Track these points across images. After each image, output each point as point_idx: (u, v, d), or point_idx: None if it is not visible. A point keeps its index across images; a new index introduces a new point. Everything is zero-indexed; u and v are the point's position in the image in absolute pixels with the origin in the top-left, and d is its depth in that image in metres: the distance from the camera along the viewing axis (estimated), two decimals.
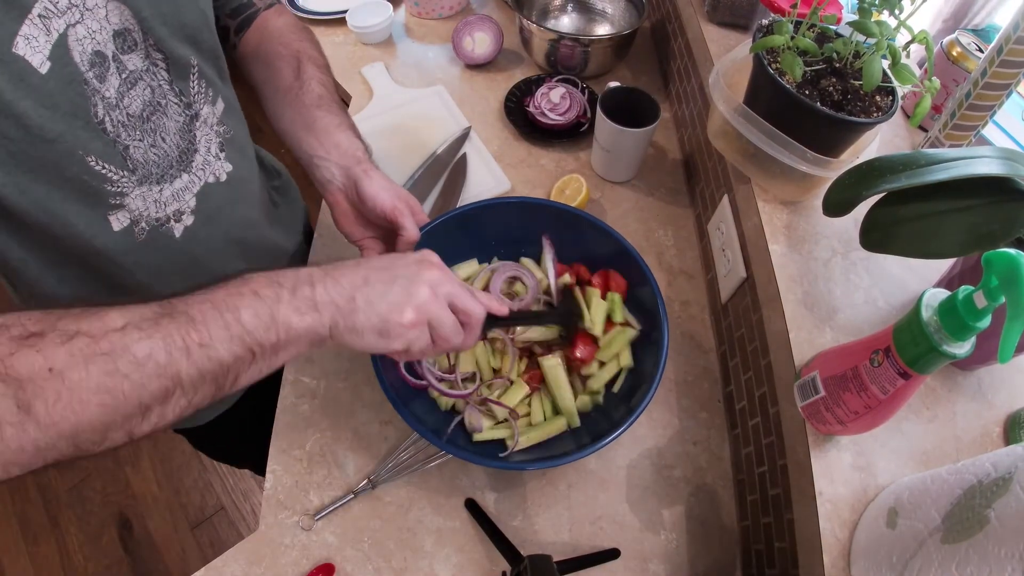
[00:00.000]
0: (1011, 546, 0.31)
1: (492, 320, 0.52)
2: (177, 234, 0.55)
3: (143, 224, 0.51)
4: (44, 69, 0.39)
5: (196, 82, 0.53)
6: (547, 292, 0.69)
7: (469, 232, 0.70)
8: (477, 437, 0.61)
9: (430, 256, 0.49)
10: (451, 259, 0.68)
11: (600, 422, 0.62)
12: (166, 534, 1.52)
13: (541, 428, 0.62)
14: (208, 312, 0.37)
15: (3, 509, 1.56)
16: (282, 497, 0.62)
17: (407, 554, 0.59)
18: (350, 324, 0.42)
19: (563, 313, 0.66)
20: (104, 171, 0.46)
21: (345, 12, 1.06)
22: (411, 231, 0.59)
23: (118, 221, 0.49)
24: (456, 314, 0.47)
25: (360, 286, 0.43)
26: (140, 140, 0.48)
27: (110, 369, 0.33)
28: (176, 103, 0.51)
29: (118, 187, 0.47)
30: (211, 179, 0.57)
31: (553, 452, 0.60)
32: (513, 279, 0.70)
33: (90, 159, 0.44)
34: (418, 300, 0.44)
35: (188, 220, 0.55)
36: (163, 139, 0.51)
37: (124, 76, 0.45)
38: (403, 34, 1.11)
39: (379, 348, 0.44)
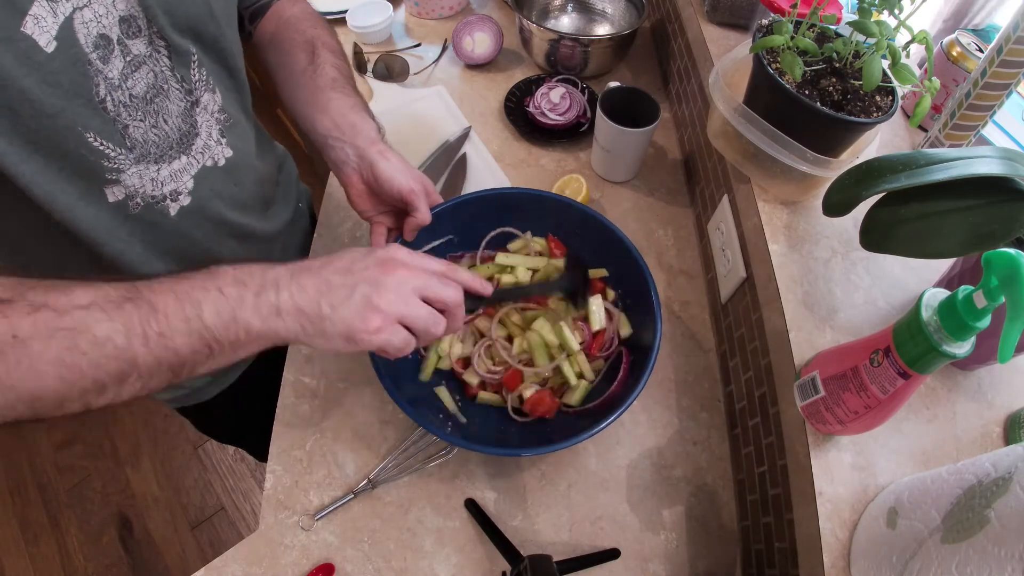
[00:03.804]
0: (1011, 546, 0.31)
1: (479, 298, 0.53)
2: (172, 212, 0.55)
3: (138, 199, 0.52)
4: (50, 49, 0.40)
5: (197, 71, 0.53)
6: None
7: (479, 217, 0.71)
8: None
9: (393, 252, 0.48)
10: (460, 242, 0.72)
11: (595, 412, 0.61)
12: (166, 534, 1.52)
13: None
14: (170, 303, 0.38)
15: (3, 509, 1.56)
16: (282, 497, 0.62)
17: (407, 554, 0.59)
18: (319, 329, 0.43)
19: (565, 281, 0.65)
20: (102, 147, 0.47)
21: (345, 12, 1.06)
22: (423, 214, 0.61)
23: (113, 194, 0.50)
24: (431, 304, 0.48)
25: (324, 292, 0.44)
26: (141, 120, 0.49)
27: (70, 345, 0.35)
28: (177, 89, 0.52)
29: (115, 163, 0.48)
30: (209, 163, 0.57)
31: (552, 439, 0.60)
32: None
33: (89, 135, 0.45)
34: (382, 305, 0.44)
35: (185, 200, 0.56)
36: (165, 121, 0.51)
37: (128, 59, 0.46)
38: (403, 34, 1.11)
39: (349, 350, 0.45)
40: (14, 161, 0.42)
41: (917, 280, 0.57)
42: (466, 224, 0.70)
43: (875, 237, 0.47)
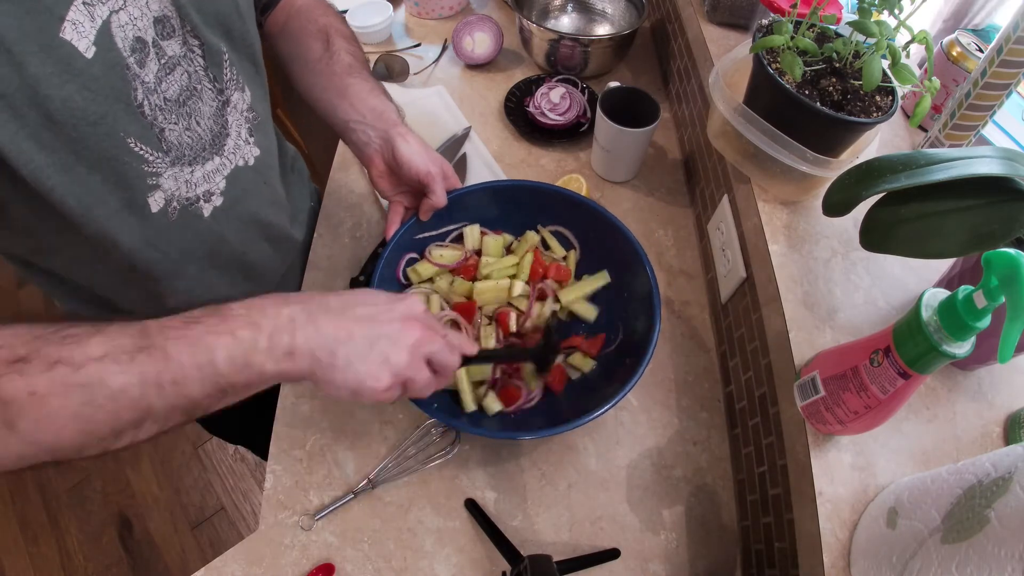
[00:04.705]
0: (1011, 546, 0.31)
1: (465, 359, 0.52)
2: (205, 214, 0.56)
3: (175, 203, 0.52)
4: (90, 54, 0.40)
5: (228, 69, 0.54)
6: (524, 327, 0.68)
7: (493, 205, 0.72)
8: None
9: (415, 307, 0.48)
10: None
11: (593, 397, 0.61)
12: (166, 534, 1.52)
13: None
14: (184, 350, 0.38)
15: (3, 509, 1.56)
16: (282, 497, 0.62)
17: (407, 554, 0.59)
18: (327, 377, 0.43)
19: (537, 352, 0.62)
20: (141, 152, 0.47)
21: (345, 12, 1.06)
22: (439, 197, 0.63)
23: (155, 202, 0.50)
24: (431, 366, 0.48)
25: (343, 340, 0.43)
26: (176, 123, 0.49)
27: (87, 399, 0.35)
28: (210, 89, 0.52)
29: (153, 167, 0.48)
30: (240, 163, 0.58)
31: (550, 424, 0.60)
32: (452, 323, 0.68)
33: (129, 141, 0.45)
34: (398, 366, 0.44)
35: (217, 201, 0.56)
36: (198, 123, 0.52)
37: (163, 61, 0.47)
38: (403, 34, 1.11)
39: (349, 401, 0.45)
40: (50, 175, 0.42)
41: (917, 280, 0.57)
42: (481, 212, 0.72)
43: (875, 237, 0.47)
